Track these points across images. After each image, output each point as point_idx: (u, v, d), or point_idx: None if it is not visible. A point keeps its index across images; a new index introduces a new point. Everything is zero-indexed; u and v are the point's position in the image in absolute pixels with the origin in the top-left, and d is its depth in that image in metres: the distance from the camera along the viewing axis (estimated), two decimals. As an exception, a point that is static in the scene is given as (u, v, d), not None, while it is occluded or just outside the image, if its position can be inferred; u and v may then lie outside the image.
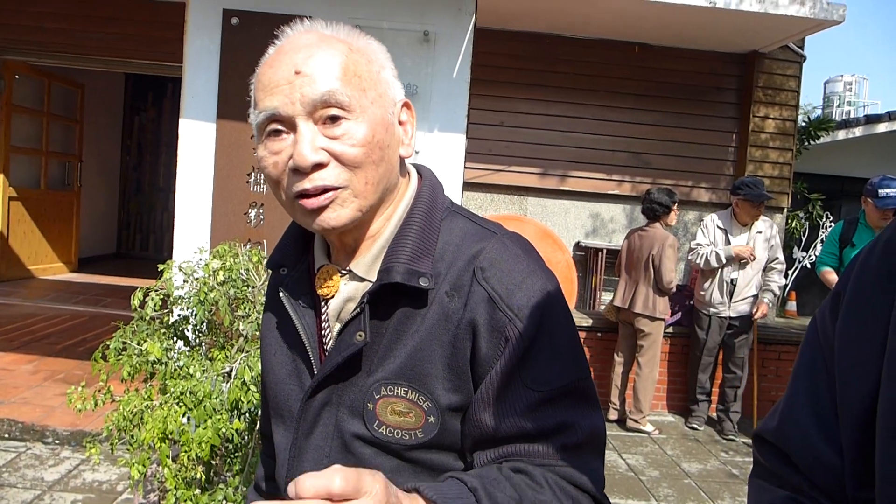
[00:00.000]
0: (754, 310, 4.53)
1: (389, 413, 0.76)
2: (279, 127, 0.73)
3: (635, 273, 4.50)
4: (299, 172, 0.71)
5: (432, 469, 0.77)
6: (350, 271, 0.81)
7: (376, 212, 0.79)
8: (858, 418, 0.57)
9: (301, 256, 0.87)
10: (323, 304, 0.82)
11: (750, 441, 3.80)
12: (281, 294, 0.84)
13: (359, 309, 0.76)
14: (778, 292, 4.60)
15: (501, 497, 0.66)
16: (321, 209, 0.73)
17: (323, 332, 0.82)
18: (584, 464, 0.73)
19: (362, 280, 0.80)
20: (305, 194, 0.72)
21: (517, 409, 0.72)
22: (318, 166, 0.71)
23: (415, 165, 0.89)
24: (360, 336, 0.76)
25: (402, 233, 0.78)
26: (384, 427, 0.76)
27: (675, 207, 4.51)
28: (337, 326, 0.81)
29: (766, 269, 4.55)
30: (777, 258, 4.55)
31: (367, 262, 0.80)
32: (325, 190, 0.72)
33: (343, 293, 0.80)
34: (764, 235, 4.50)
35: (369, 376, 0.77)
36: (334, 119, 0.71)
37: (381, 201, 0.78)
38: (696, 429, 4.75)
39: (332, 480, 0.51)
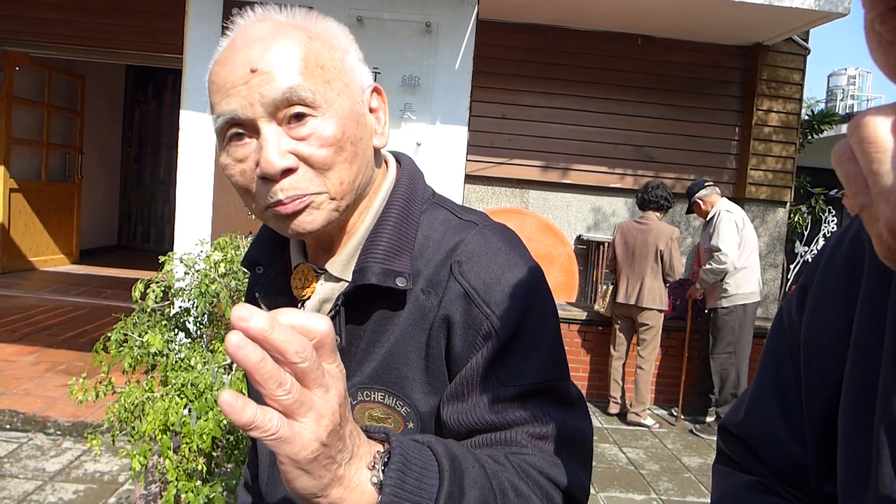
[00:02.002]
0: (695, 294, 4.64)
1: (367, 419, 0.72)
2: (240, 131, 0.67)
3: (639, 267, 4.47)
4: (269, 180, 0.66)
5: None
6: (326, 271, 0.76)
7: (353, 208, 0.75)
8: (823, 411, 0.57)
9: (278, 254, 0.82)
10: (300, 304, 0.78)
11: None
12: (256, 295, 0.79)
13: (334, 311, 0.72)
14: (707, 278, 4.36)
15: (468, 479, 0.57)
16: (295, 214, 0.68)
17: None
18: (556, 458, 0.66)
19: (338, 280, 0.75)
20: (280, 203, 0.67)
21: (485, 401, 0.67)
22: (288, 172, 0.66)
23: (393, 153, 0.83)
24: (336, 340, 0.72)
25: (377, 229, 0.73)
26: None
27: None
28: None
29: None
30: (713, 245, 4.36)
31: (343, 262, 0.75)
32: (299, 196, 0.67)
33: (319, 294, 0.76)
34: (712, 223, 4.46)
35: (348, 381, 0.73)
36: (299, 117, 0.66)
37: (358, 197, 0.74)
38: (695, 422, 4.76)
39: (319, 321, 0.45)
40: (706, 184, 4.59)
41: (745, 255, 4.41)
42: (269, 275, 0.81)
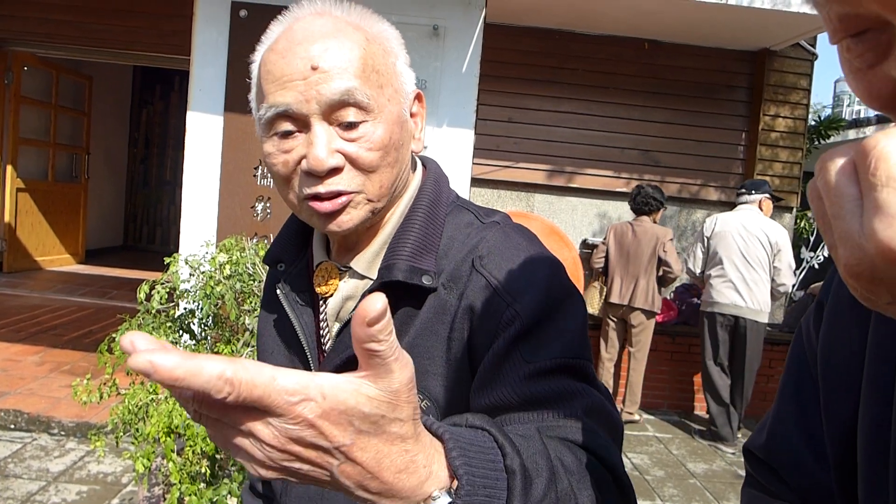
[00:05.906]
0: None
1: None
2: (290, 127, 0.68)
3: (633, 268, 4.48)
4: (312, 175, 0.67)
5: None
6: (350, 268, 0.76)
7: (385, 209, 0.76)
8: (844, 435, 0.54)
9: (300, 252, 0.83)
10: (322, 302, 0.78)
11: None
12: (278, 291, 0.80)
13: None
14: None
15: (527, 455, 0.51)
16: (335, 213, 0.69)
17: (321, 331, 0.79)
18: (592, 432, 0.62)
19: (363, 278, 0.76)
20: (318, 197, 0.68)
21: (513, 379, 0.65)
22: (334, 171, 0.67)
23: (419, 157, 0.84)
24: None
25: (404, 228, 0.74)
26: None
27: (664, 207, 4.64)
28: (336, 326, 0.77)
29: None
30: None
31: (368, 259, 0.76)
32: (339, 194, 0.68)
33: (342, 291, 0.76)
34: None
35: None
36: (352, 125, 0.67)
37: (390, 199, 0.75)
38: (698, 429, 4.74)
39: (375, 302, 0.39)
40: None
41: (709, 264, 4.44)
42: (290, 272, 0.82)
